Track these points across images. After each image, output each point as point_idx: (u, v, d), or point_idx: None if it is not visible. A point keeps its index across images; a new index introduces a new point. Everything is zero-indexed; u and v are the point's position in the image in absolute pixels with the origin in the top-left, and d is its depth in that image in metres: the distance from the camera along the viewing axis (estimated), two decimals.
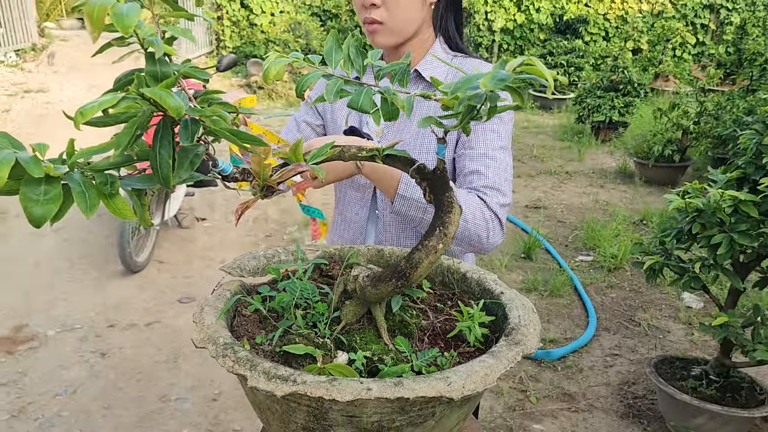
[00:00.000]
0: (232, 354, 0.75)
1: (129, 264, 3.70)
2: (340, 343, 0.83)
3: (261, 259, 1.05)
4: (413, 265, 0.76)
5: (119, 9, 0.57)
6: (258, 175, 0.79)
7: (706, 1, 12.64)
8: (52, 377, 2.79)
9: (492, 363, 0.74)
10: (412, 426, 0.75)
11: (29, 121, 7.73)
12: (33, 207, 0.59)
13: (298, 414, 0.75)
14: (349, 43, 0.82)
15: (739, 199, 2.02)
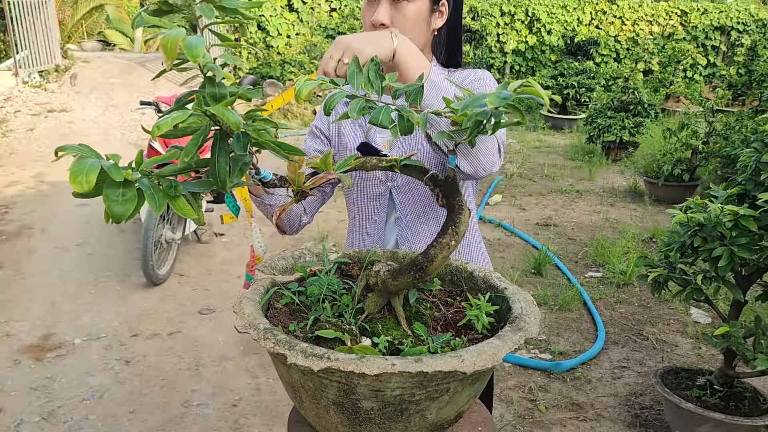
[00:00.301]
0: (272, 336, 0.86)
1: (151, 277, 3.84)
2: (364, 330, 0.94)
3: (289, 260, 1.17)
4: (430, 259, 0.88)
5: (189, 41, 0.70)
6: (293, 182, 0.91)
7: (717, 23, 12.77)
8: (80, 383, 2.92)
9: (499, 344, 0.85)
10: (430, 400, 0.86)
11: (52, 140, 7.96)
12: (114, 206, 0.72)
13: (329, 390, 0.86)
14: (369, 67, 0.94)
15: (739, 214, 2.12)
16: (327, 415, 0.90)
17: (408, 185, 1.42)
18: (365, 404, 0.85)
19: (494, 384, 2.85)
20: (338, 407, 0.87)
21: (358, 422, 0.88)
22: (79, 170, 0.69)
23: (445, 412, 0.89)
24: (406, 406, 0.85)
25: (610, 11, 12.87)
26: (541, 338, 3.43)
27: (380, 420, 0.87)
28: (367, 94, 0.93)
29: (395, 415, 0.86)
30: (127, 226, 5.05)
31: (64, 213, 5.34)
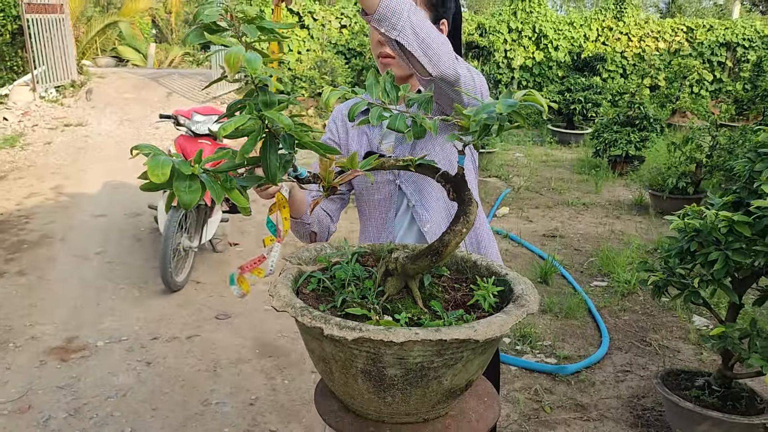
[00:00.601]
0: (308, 313, 0.99)
1: (169, 283, 3.98)
2: (386, 310, 1.07)
3: (312, 252, 1.30)
4: (444, 245, 1.01)
5: (249, 56, 0.83)
6: (325, 178, 1.04)
7: (723, 39, 12.91)
8: (103, 382, 3.05)
9: (505, 317, 0.98)
10: (446, 367, 0.98)
11: (69, 153, 8.16)
12: (183, 195, 0.85)
13: (358, 359, 0.98)
14: (385, 79, 1.09)
15: (733, 220, 2.24)
16: (355, 383, 1.02)
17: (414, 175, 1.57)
18: (390, 371, 0.97)
19: (501, 386, 2.96)
20: (365, 375, 0.99)
21: (383, 388, 1.00)
22: (156, 165, 0.82)
23: (458, 379, 1.02)
24: (426, 372, 0.97)
25: (616, 28, 13.03)
26: (546, 343, 3.54)
27: (402, 386, 0.99)
28: (384, 102, 1.08)
29: (416, 381, 0.98)
30: (144, 236, 5.21)
31: (83, 223, 5.50)
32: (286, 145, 0.89)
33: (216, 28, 0.97)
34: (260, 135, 0.88)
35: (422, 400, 1.03)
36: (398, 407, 1.04)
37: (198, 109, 4.43)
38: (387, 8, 1.17)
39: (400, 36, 1.20)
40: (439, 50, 1.25)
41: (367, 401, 1.05)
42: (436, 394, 1.02)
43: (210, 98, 11.34)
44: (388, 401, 1.02)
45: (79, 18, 16.68)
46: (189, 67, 20.41)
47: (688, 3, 30.26)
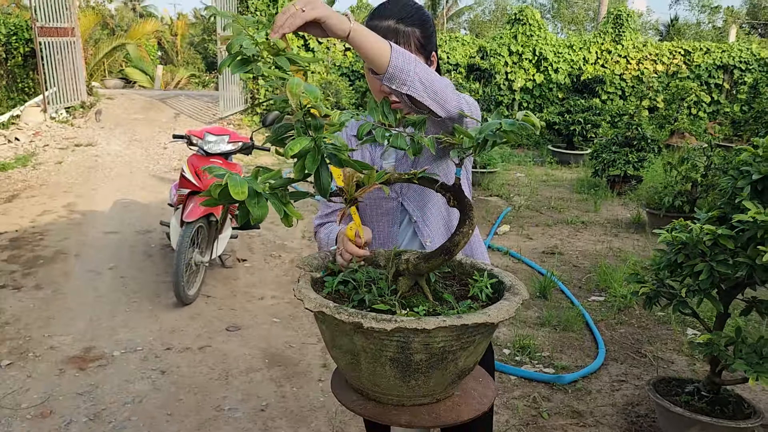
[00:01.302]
0: (344, 311, 1.11)
1: (182, 297, 4.13)
2: (402, 305, 1.22)
3: (320, 259, 1.45)
4: (455, 244, 1.17)
5: (308, 87, 0.99)
6: (347, 191, 1.20)
7: (720, 62, 13.15)
8: (120, 389, 3.19)
9: (509, 303, 1.15)
10: (462, 350, 1.14)
11: (80, 172, 8.36)
12: (255, 210, 0.99)
13: (389, 348, 1.11)
14: (383, 104, 1.25)
15: (717, 233, 2.39)
16: (383, 371, 1.15)
17: (416, 194, 1.71)
18: (416, 357, 1.11)
19: (500, 394, 3.09)
20: (394, 362, 1.13)
21: (409, 373, 1.14)
22: (235, 184, 0.96)
23: (470, 360, 1.17)
24: (446, 355, 1.12)
25: (615, 51, 13.30)
26: (545, 354, 3.67)
27: (426, 369, 1.14)
28: (385, 124, 1.24)
29: (437, 363, 1.13)
30: (155, 252, 5.37)
31: (95, 240, 5.67)
32: (333, 162, 1.04)
33: (251, 59, 1.13)
34: (318, 155, 1.02)
35: (440, 382, 1.17)
36: (419, 390, 1.18)
37: (210, 129, 4.62)
38: (396, 68, 1.26)
39: (410, 90, 1.30)
40: (445, 94, 1.36)
41: (391, 387, 1.18)
42: (452, 374, 1.17)
43: (217, 119, 11.56)
44: (412, 385, 1.16)
45: (88, 41, 17.03)
46: (195, 88, 20.74)
47: (687, 27, 30.70)
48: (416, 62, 1.31)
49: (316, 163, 1.02)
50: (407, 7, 1.61)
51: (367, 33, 1.25)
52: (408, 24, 1.58)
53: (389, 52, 1.27)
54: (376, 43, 1.26)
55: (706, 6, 32.37)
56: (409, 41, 1.58)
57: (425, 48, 1.63)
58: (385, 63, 1.27)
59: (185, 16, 29.97)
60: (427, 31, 1.62)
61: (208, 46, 26.03)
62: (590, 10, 33.88)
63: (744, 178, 2.51)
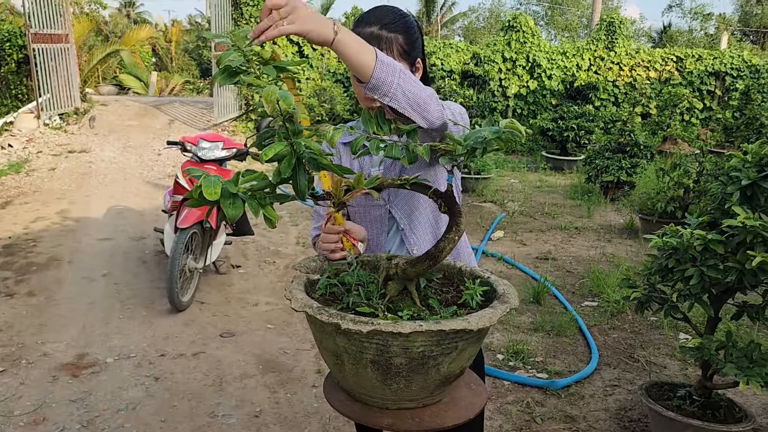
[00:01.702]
0: (325, 312, 1.13)
1: (176, 303, 4.13)
2: (389, 309, 1.24)
3: (317, 262, 1.47)
4: (440, 250, 1.18)
5: (283, 94, 1.01)
6: (335, 195, 1.22)
7: (712, 69, 13.24)
8: (114, 397, 3.18)
9: (492, 311, 1.15)
10: (443, 356, 1.15)
11: (74, 179, 8.34)
12: (229, 210, 1.02)
13: (369, 351, 1.13)
14: (377, 114, 1.27)
15: (707, 238, 2.41)
16: (365, 372, 1.17)
17: (403, 202, 1.72)
18: (396, 360, 1.13)
19: (494, 399, 3.10)
20: (374, 365, 1.15)
21: (390, 376, 1.15)
22: (209, 185, 0.99)
23: (453, 366, 1.18)
24: (426, 360, 1.14)
25: (608, 57, 13.37)
26: (538, 360, 3.68)
27: (406, 373, 1.15)
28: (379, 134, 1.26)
29: (418, 368, 1.14)
30: (149, 258, 5.36)
31: (89, 246, 5.66)
32: (312, 166, 1.06)
33: (238, 70, 1.15)
34: (293, 159, 1.04)
35: (423, 387, 1.19)
36: (402, 394, 1.20)
37: (204, 135, 4.63)
38: (378, 79, 1.27)
39: (392, 101, 1.30)
40: (428, 106, 1.36)
41: (374, 389, 1.20)
42: (434, 380, 1.18)
43: (211, 126, 11.57)
44: (394, 388, 1.18)
45: (82, 47, 17.01)
46: (189, 95, 20.75)
47: (680, 33, 30.91)
48: (401, 73, 1.31)
49: (290, 167, 1.04)
50: (390, 14, 1.62)
51: (351, 42, 1.25)
52: (391, 30, 1.59)
53: (374, 62, 1.27)
54: (360, 53, 1.26)
55: (698, 13, 32.61)
56: (391, 47, 1.59)
57: (409, 54, 1.63)
58: (368, 73, 1.27)
59: (180, 22, 29.99)
60: (411, 37, 1.63)
61: (203, 53, 26.04)
62: (583, 17, 34.08)
63: (733, 184, 2.54)
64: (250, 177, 1.11)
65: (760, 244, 2.30)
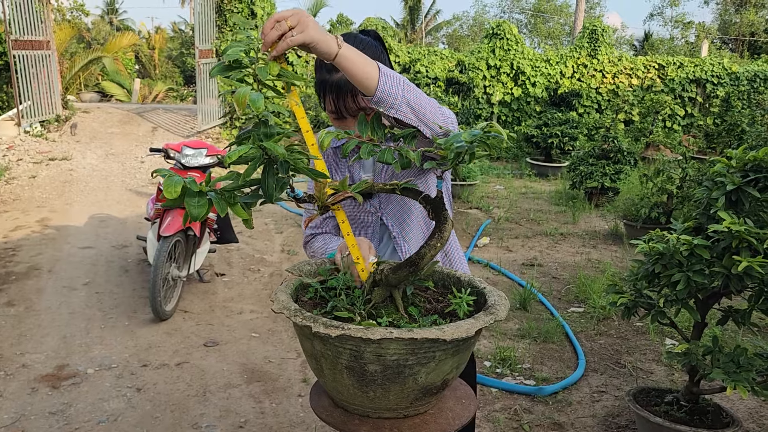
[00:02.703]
0: (300, 314, 1.13)
1: (159, 312, 4.06)
2: (372, 315, 1.21)
3: (312, 266, 1.44)
4: (421, 257, 1.16)
5: (253, 96, 0.99)
6: (319, 198, 1.19)
7: (693, 76, 13.40)
8: (95, 408, 3.11)
9: (472, 322, 1.13)
10: (420, 365, 1.12)
11: (55, 187, 8.23)
12: (193, 209, 1.00)
13: (343, 356, 1.12)
14: (373, 120, 1.25)
15: (693, 244, 2.41)
16: (341, 378, 1.15)
17: (395, 209, 1.72)
18: (370, 367, 1.11)
19: (481, 407, 3.08)
20: (350, 371, 1.13)
21: (365, 383, 1.13)
22: (170, 184, 0.97)
23: (432, 377, 1.15)
24: (402, 369, 1.11)
25: (591, 65, 13.48)
26: (526, 366, 3.67)
27: (382, 381, 1.13)
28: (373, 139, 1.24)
29: (393, 377, 1.12)
30: (132, 267, 5.29)
31: (70, 255, 5.57)
32: (282, 170, 1.04)
33: (237, 65, 1.13)
34: (260, 162, 1.02)
35: (401, 396, 1.16)
36: (380, 402, 1.17)
37: (188, 143, 4.58)
38: (383, 92, 1.27)
39: (398, 113, 1.30)
40: (433, 115, 1.36)
41: (352, 396, 1.18)
42: (413, 390, 1.15)
43: (195, 133, 11.48)
44: (371, 396, 1.16)
45: (63, 54, 16.85)
46: (173, 102, 20.60)
47: (661, 42, 31.29)
48: (404, 84, 1.31)
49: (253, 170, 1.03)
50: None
51: (354, 56, 1.25)
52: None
53: (377, 75, 1.26)
54: (364, 67, 1.25)
55: (679, 22, 33.06)
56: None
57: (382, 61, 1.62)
58: (373, 86, 1.26)
59: (163, 30, 29.80)
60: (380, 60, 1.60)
61: (186, 60, 25.90)
62: (566, 25, 34.41)
63: (718, 189, 2.54)
64: (224, 177, 1.08)
65: (745, 249, 2.30)
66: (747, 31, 28.80)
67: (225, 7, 11.49)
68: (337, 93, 1.58)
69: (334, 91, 1.58)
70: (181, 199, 1.00)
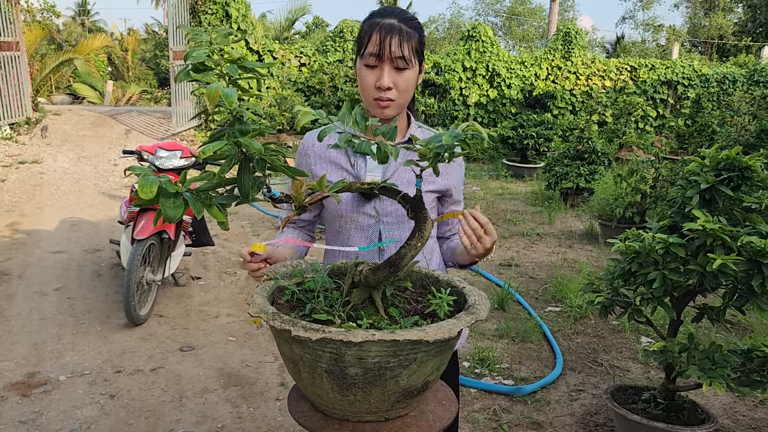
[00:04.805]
0: (278, 317, 1.10)
1: (133, 317, 3.99)
2: (351, 317, 1.19)
3: (289, 267, 1.42)
4: (401, 257, 1.14)
5: (227, 91, 0.96)
6: (296, 198, 1.17)
7: (664, 78, 13.61)
8: (67, 416, 3.04)
9: (454, 322, 1.11)
10: (402, 367, 1.11)
11: (25, 191, 8.06)
12: (168, 210, 0.97)
13: (323, 360, 1.10)
14: (356, 111, 1.23)
15: (669, 242, 2.44)
16: (321, 382, 1.13)
17: (396, 224, 1.68)
18: (351, 371, 1.09)
19: (461, 407, 3.07)
20: (330, 375, 1.11)
21: (346, 387, 1.11)
22: (145, 183, 0.94)
23: (414, 379, 1.14)
24: (383, 372, 1.09)
25: (564, 67, 13.62)
26: (504, 366, 3.67)
27: (363, 384, 1.11)
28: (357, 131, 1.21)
29: (374, 380, 1.10)
30: (105, 271, 5.19)
31: (41, 260, 5.45)
32: (258, 168, 1.02)
33: (203, 68, 1.10)
34: (235, 159, 1.00)
35: (381, 399, 1.14)
36: (360, 406, 1.15)
37: (162, 144, 4.51)
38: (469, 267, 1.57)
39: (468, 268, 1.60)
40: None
41: (332, 400, 1.16)
42: (394, 393, 1.13)
43: (169, 135, 11.34)
44: (351, 399, 1.13)
45: (34, 55, 16.54)
46: (147, 104, 20.35)
47: (633, 44, 31.76)
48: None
49: (228, 167, 1.01)
50: (407, 12, 1.64)
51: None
52: (410, 26, 1.60)
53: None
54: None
55: (650, 25, 33.59)
56: (411, 42, 1.59)
57: (420, 54, 1.64)
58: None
59: (136, 31, 29.39)
60: (422, 38, 1.65)
61: (160, 62, 25.59)
62: (540, 28, 34.73)
63: (693, 188, 2.57)
64: (197, 177, 1.06)
65: (719, 247, 2.33)
66: (716, 34, 29.37)
67: (199, 9, 11.38)
68: (387, 32, 1.56)
69: (384, 30, 1.56)
70: (156, 199, 0.97)
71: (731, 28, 28.76)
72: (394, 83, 1.59)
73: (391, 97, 1.59)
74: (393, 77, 1.58)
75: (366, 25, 1.61)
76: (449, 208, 1.82)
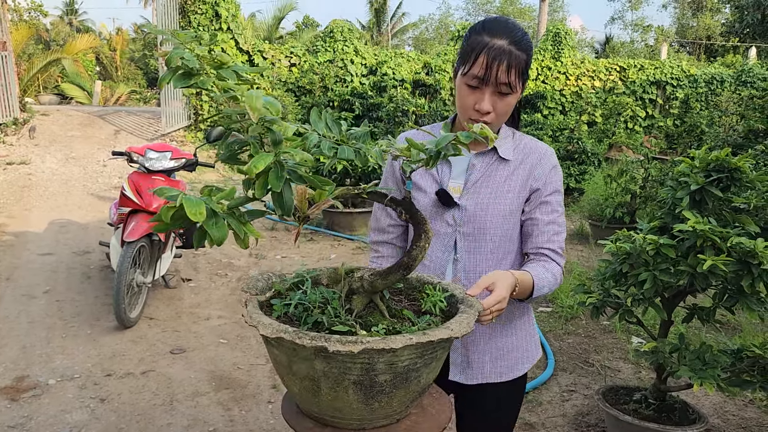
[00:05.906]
0: (305, 335, 1.04)
1: (123, 320, 3.96)
2: (360, 325, 1.18)
3: (263, 281, 1.36)
4: (413, 259, 1.14)
5: (268, 100, 0.94)
6: (300, 209, 1.15)
7: (653, 78, 13.70)
8: (56, 421, 3.02)
9: (467, 316, 1.13)
10: (424, 366, 1.11)
11: (13, 192, 7.99)
12: (214, 231, 0.93)
13: (352, 372, 1.06)
14: (326, 116, 1.21)
15: (659, 243, 2.45)
16: (345, 395, 1.09)
17: (474, 236, 1.61)
18: (381, 378, 1.07)
19: None
20: (357, 385, 1.08)
21: (372, 395, 1.09)
22: (191, 205, 0.89)
23: (431, 376, 1.15)
24: (410, 374, 1.09)
25: (554, 67, 13.68)
26: None
27: (389, 389, 1.09)
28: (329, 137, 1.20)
29: (401, 383, 1.09)
30: (94, 274, 5.16)
31: (29, 262, 5.41)
32: (295, 179, 0.98)
33: (192, 72, 1.08)
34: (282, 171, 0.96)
35: (402, 401, 1.13)
36: (381, 411, 1.13)
37: (152, 146, 4.48)
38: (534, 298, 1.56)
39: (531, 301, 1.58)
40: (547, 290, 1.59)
41: (351, 411, 1.12)
42: (414, 393, 1.14)
43: (159, 135, 11.28)
44: (374, 407, 1.11)
45: (21, 55, 16.41)
46: (136, 104, 20.25)
47: (622, 45, 31.94)
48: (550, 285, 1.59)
49: (281, 180, 0.94)
50: (518, 30, 1.53)
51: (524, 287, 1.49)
52: (519, 48, 1.50)
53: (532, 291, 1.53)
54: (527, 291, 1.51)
55: (638, 25, 33.79)
56: (519, 65, 1.51)
57: (525, 74, 1.56)
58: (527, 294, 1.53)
59: (125, 31, 29.21)
60: (530, 58, 1.56)
61: (149, 62, 25.48)
62: (530, 28, 34.87)
63: (683, 189, 2.59)
64: (223, 194, 1.00)
65: (709, 248, 2.34)
66: (704, 35, 29.60)
67: (188, 8, 11.33)
68: (494, 57, 1.48)
69: (492, 54, 1.47)
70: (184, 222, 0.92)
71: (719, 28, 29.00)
72: (494, 107, 1.52)
73: (488, 120, 1.53)
74: (494, 101, 1.52)
75: (474, 41, 1.52)
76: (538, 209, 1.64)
